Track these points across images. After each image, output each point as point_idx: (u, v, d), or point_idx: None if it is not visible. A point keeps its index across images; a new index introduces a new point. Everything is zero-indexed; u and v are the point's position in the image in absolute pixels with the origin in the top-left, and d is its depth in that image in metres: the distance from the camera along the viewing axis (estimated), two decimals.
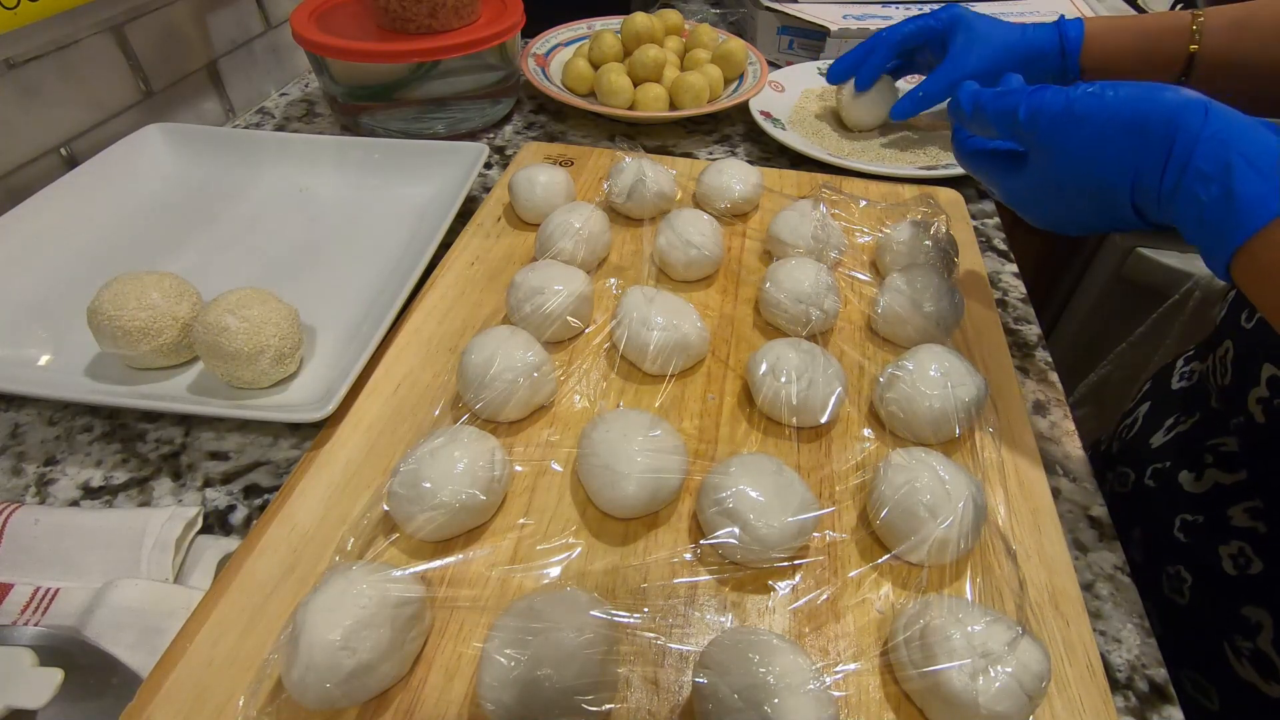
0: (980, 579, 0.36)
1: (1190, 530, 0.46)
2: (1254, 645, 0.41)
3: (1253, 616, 0.41)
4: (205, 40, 0.73)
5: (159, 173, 0.62)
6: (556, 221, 0.52)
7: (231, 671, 0.31)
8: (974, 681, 0.29)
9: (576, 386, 0.45)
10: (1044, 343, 0.53)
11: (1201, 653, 0.43)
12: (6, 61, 0.55)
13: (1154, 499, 0.50)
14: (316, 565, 0.35)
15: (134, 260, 0.54)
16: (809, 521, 0.34)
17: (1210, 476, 0.46)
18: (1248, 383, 0.44)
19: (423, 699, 0.31)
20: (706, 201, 0.59)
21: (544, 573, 0.35)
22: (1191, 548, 0.46)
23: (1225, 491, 0.45)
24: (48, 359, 0.46)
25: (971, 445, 0.42)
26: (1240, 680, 0.41)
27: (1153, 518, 0.50)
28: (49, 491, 0.40)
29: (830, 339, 0.49)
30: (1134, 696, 0.34)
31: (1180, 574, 0.46)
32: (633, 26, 0.76)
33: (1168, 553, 0.48)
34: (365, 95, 0.72)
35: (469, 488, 0.35)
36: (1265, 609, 0.41)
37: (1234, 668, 0.42)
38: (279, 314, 0.43)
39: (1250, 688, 0.41)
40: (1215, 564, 0.44)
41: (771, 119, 0.73)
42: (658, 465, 0.36)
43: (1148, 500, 0.51)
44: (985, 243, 0.62)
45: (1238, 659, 0.41)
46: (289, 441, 0.43)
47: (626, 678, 0.31)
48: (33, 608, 0.34)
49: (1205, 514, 0.46)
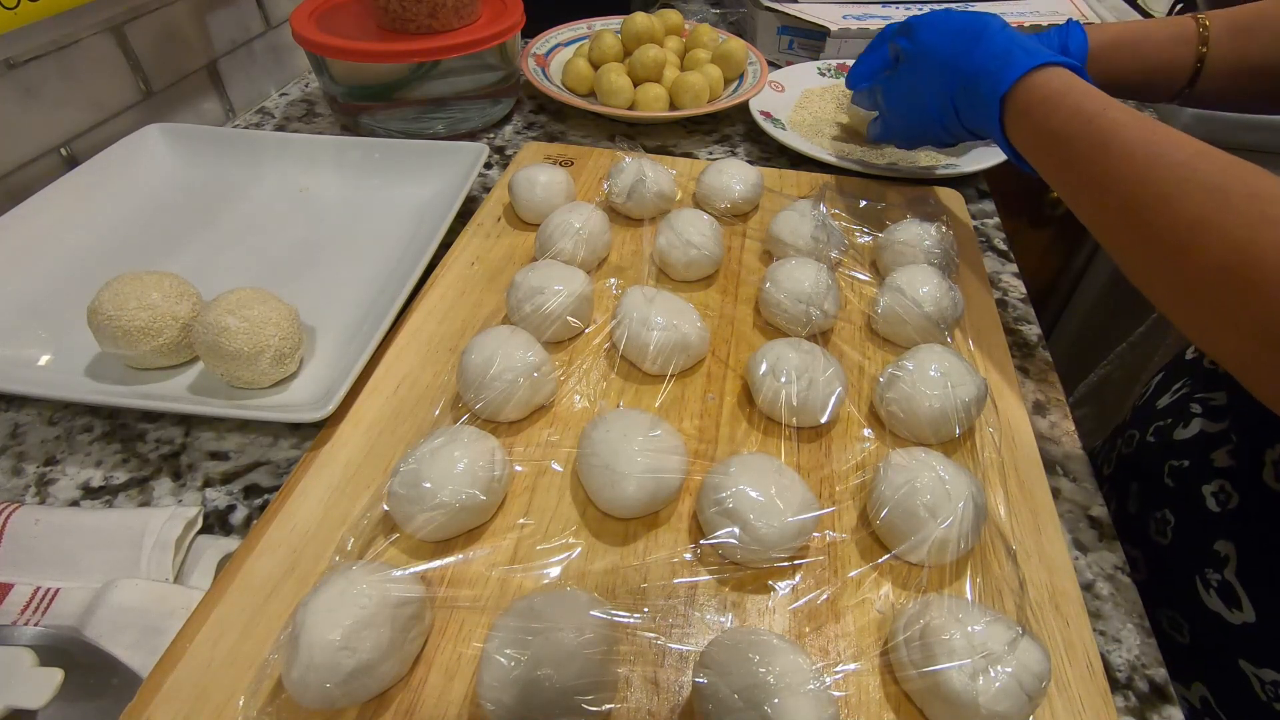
0: (980, 579, 0.36)
1: (1177, 475, 0.49)
2: (1221, 576, 0.43)
3: (1222, 550, 0.43)
4: (205, 40, 0.73)
5: (159, 173, 0.62)
6: (556, 221, 0.52)
7: (231, 671, 0.31)
8: (974, 681, 0.29)
9: (576, 386, 0.45)
10: (1044, 343, 0.53)
11: (1177, 590, 0.46)
12: (6, 61, 0.55)
13: (1151, 452, 0.53)
14: (316, 565, 0.35)
15: (134, 260, 0.54)
16: (809, 521, 0.34)
17: (1196, 425, 0.49)
18: None
19: (423, 699, 0.31)
20: (706, 201, 0.59)
21: (544, 573, 0.35)
22: (1177, 490, 0.48)
23: (1210, 438, 0.48)
24: (48, 359, 0.46)
25: (971, 445, 0.42)
26: (1208, 611, 0.44)
27: (1149, 470, 0.52)
28: (49, 491, 0.40)
29: (830, 339, 0.49)
30: (1134, 696, 0.34)
31: (1165, 516, 0.48)
32: (633, 26, 0.76)
33: (1157, 499, 0.50)
34: (365, 95, 0.72)
35: (469, 488, 0.35)
36: (1233, 542, 0.43)
37: (1203, 599, 0.44)
38: (279, 314, 0.43)
39: (1216, 617, 0.43)
40: (1200, 503, 0.46)
41: (771, 119, 0.73)
42: (658, 465, 0.36)
43: (1147, 455, 0.53)
44: (985, 243, 0.62)
45: (1206, 591, 0.44)
46: (289, 441, 0.43)
47: (626, 678, 0.31)
48: (33, 608, 0.34)
49: (1192, 459, 0.48)
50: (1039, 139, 0.44)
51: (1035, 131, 0.44)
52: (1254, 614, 0.41)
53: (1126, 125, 0.38)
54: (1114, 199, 0.38)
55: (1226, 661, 0.43)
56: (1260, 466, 0.43)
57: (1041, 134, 0.43)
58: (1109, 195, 0.38)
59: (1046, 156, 0.44)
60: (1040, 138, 0.44)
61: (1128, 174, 0.37)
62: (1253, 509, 0.43)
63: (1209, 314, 0.34)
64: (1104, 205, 0.39)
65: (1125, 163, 0.37)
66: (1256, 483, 0.43)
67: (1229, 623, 0.42)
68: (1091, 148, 0.39)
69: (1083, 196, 0.41)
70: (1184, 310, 0.35)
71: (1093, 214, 0.41)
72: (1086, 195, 0.41)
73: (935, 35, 0.52)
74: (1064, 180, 0.43)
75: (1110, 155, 0.38)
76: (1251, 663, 0.41)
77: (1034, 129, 0.44)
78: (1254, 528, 0.43)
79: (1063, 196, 0.44)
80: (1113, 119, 0.39)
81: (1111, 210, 0.39)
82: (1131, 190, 0.37)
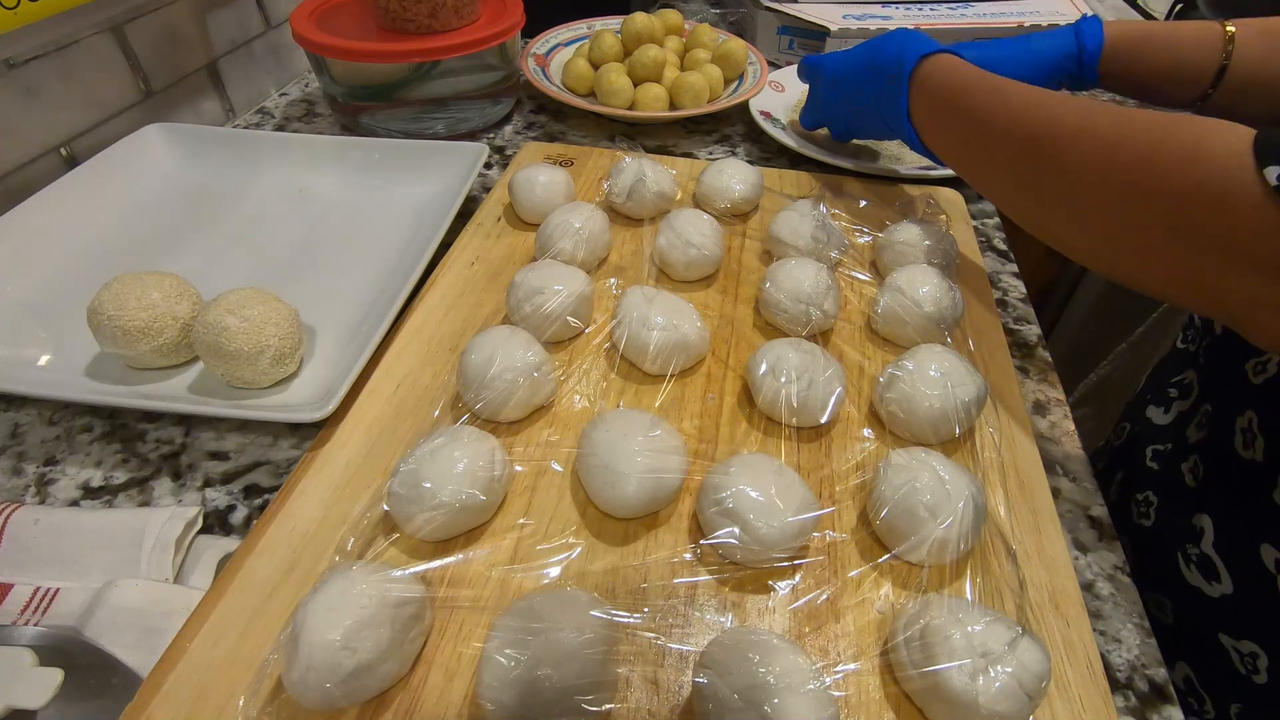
0: (980, 579, 0.36)
1: (1159, 458, 0.50)
2: (1200, 550, 0.44)
3: (1199, 524, 0.44)
4: (205, 40, 0.73)
5: (159, 173, 0.62)
6: (556, 221, 0.52)
7: (231, 671, 0.31)
8: (974, 681, 0.29)
9: (576, 386, 0.45)
10: (1044, 343, 0.53)
11: (1161, 571, 0.46)
12: (6, 61, 0.55)
13: (1137, 441, 0.54)
14: (316, 565, 0.35)
15: (134, 260, 0.54)
16: (809, 521, 0.34)
17: (1175, 408, 0.51)
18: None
19: (423, 699, 0.31)
20: (706, 201, 0.59)
21: (544, 573, 0.35)
22: (1159, 472, 0.50)
23: (1184, 415, 0.50)
24: (48, 359, 0.46)
25: (971, 445, 0.42)
26: (1189, 587, 0.44)
27: (1133, 457, 0.53)
28: (49, 491, 0.40)
29: (830, 339, 0.49)
30: (1134, 696, 0.34)
31: (1148, 498, 0.50)
32: (633, 26, 0.76)
33: (1139, 482, 0.51)
34: (365, 95, 0.72)
35: (469, 488, 0.35)
36: (1209, 515, 0.44)
37: (1185, 575, 0.45)
38: (279, 314, 0.43)
39: (1196, 592, 0.44)
40: (1179, 480, 0.47)
41: (771, 119, 0.73)
42: (658, 465, 0.36)
43: (1133, 444, 0.54)
44: (985, 243, 0.62)
45: (1187, 566, 0.45)
46: (289, 441, 0.43)
47: (626, 678, 0.31)
48: (33, 608, 0.34)
49: (1172, 441, 0.50)
50: (936, 105, 0.50)
51: (932, 99, 0.50)
52: (1231, 585, 0.42)
53: (1006, 80, 0.46)
54: (1001, 132, 0.44)
55: (1208, 637, 0.43)
56: (1231, 435, 0.43)
57: (938, 99, 0.49)
58: (998, 130, 0.44)
59: (942, 120, 0.50)
60: (937, 103, 0.50)
61: (1009, 106, 0.44)
62: (1225, 479, 0.44)
63: (1083, 211, 0.39)
64: (994, 157, 0.45)
65: (1006, 98, 0.44)
66: (1229, 452, 0.43)
67: (1209, 596, 0.43)
68: (980, 96, 0.46)
69: (977, 143, 0.46)
70: (1060, 214, 0.41)
71: (985, 159, 0.46)
72: (980, 140, 0.46)
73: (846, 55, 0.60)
74: (959, 135, 0.48)
75: (995, 94, 0.45)
76: (1231, 635, 0.42)
77: (931, 98, 0.50)
78: (1228, 497, 0.43)
79: (961, 158, 0.49)
80: (994, 82, 0.46)
81: (1001, 144, 0.44)
82: (1015, 115, 0.43)
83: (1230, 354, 0.46)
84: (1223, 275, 0.33)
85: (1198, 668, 0.44)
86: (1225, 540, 0.43)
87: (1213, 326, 0.50)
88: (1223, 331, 0.48)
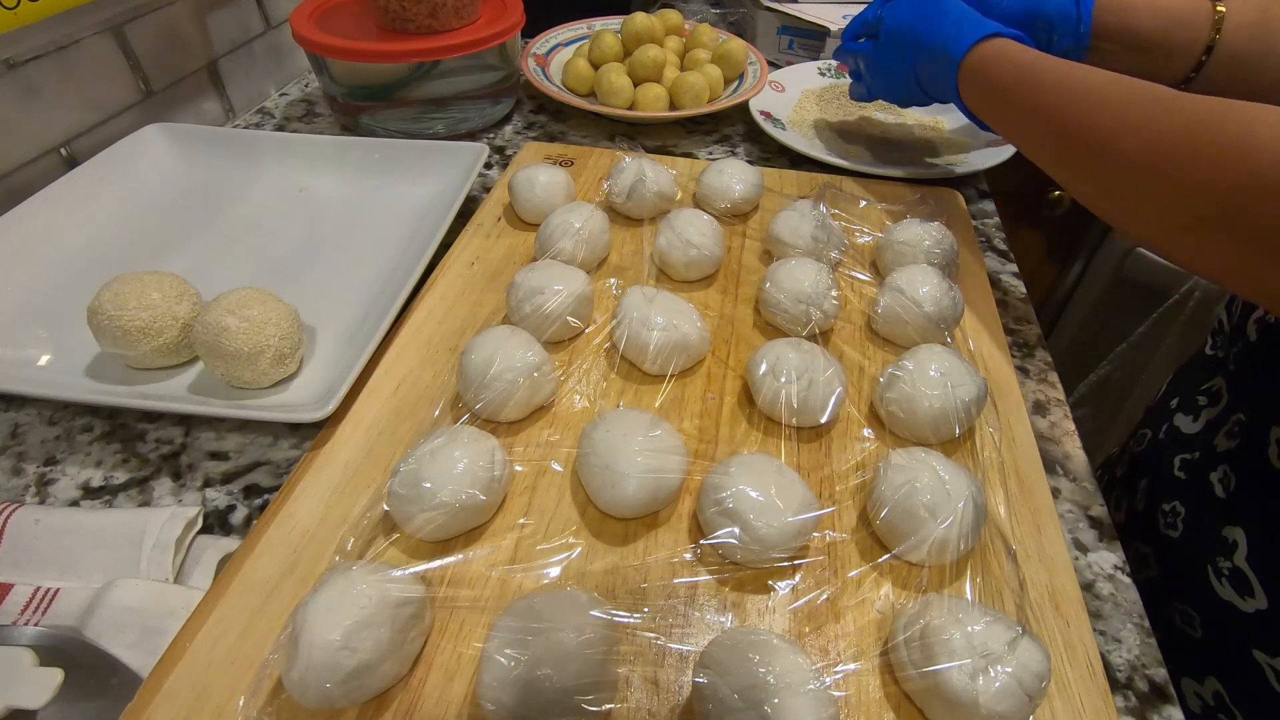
0: (980, 579, 0.36)
1: (1187, 467, 0.50)
2: (1232, 564, 0.43)
3: (1230, 536, 0.43)
4: (205, 40, 0.73)
5: (159, 173, 0.62)
6: (556, 221, 0.52)
7: (231, 671, 0.31)
8: (974, 681, 0.29)
9: (576, 386, 0.45)
10: (1044, 343, 0.53)
11: (1189, 583, 0.46)
12: (6, 61, 0.55)
13: (1162, 448, 0.53)
14: (316, 565, 0.35)
15: (134, 260, 0.54)
16: (809, 521, 0.34)
17: (1204, 416, 0.51)
18: (1251, 308, 0.49)
19: (423, 699, 0.31)
20: (706, 201, 0.59)
21: (544, 573, 0.35)
22: (1187, 482, 0.49)
23: (1213, 424, 0.49)
24: (48, 359, 0.46)
25: (971, 445, 0.42)
26: (1221, 601, 0.44)
27: (1159, 465, 0.53)
28: (49, 491, 0.40)
29: (830, 339, 0.49)
30: (1134, 696, 0.34)
31: (1175, 509, 0.49)
32: (633, 26, 0.76)
33: (1166, 492, 0.50)
34: (365, 95, 0.72)
35: (469, 488, 0.35)
36: (1241, 527, 0.43)
37: (1215, 589, 0.44)
38: (279, 314, 0.43)
39: (1229, 607, 0.43)
40: (1208, 491, 0.47)
41: (771, 119, 0.73)
42: (658, 465, 0.36)
43: (1158, 451, 0.54)
44: (985, 243, 0.62)
45: (1218, 580, 0.44)
46: (289, 441, 0.43)
47: (626, 678, 0.31)
48: (33, 608, 0.34)
49: (1200, 450, 0.49)
50: (986, 94, 0.51)
51: (982, 89, 0.51)
52: (1266, 600, 0.41)
53: (1055, 68, 0.46)
54: (1049, 125, 0.45)
55: (1240, 653, 0.42)
56: (1265, 445, 0.43)
57: (987, 90, 0.51)
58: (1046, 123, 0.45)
59: (993, 108, 0.51)
60: (986, 93, 0.51)
61: (1055, 101, 0.44)
62: (1260, 491, 0.43)
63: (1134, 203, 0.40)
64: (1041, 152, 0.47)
65: (1054, 92, 0.45)
66: (1262, 463, 0.43)
67: (1242, 612, 0.42)
68: (1028, 90, 0.47)
69: (1028, 132, 0.48)
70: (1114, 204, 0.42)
71: (1038, 147, 0.47)
72: (1031, 129, 0.47)
73: (900, 14, 0.60)
74: (1010, 124, 0.50)
75: (1043, 89, 0.46)
76: (1265, 652, 0.41)
77: (981, 87, 0.51)
78: (1262, 510, 0.42)
79: (1013, 140, 0.51)
80: (1044, 65, 0.47)
81: (1050, 136, 0.45)
82: (1060, 110, 0.44)
83: (1265, 361, 0.46)
84: (1276, 264, 0.33)
85: (1230, 684, 0.43)
86: (1259, 554, 0.42)
87: (1245, 332, 0.49)
88: (1257, 338, 0.48)
